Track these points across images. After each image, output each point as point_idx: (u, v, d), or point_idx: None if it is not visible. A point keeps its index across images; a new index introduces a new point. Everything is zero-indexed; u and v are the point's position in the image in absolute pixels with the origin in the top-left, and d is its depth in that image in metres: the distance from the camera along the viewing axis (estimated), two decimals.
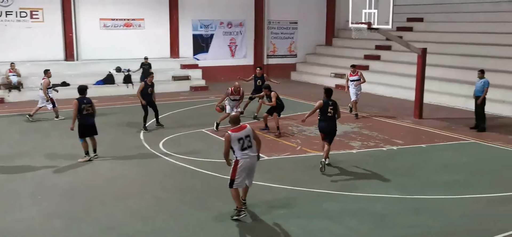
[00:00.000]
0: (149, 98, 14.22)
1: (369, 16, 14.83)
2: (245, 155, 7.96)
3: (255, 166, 8.22)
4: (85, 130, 11.13)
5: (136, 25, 22.74)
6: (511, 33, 20.15)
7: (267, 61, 26.00)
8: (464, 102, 17.50)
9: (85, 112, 11.01)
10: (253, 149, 8.09)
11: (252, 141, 8.05)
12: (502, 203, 8.86)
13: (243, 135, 7.94)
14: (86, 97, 11.18)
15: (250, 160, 8.03)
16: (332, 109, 10.57)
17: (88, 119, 11.08)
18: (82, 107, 10.96)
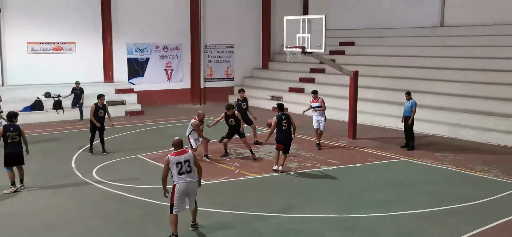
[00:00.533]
0: (99, 121, 13.96)
1: (303, 41, 15.22)
2: (181, 179, 7.93)
3: (194, 191, 8.14)
4: (11, 159, 10.52)
5: (67, 49, 21.98)
6: (434, 57, 21.41)
7: (204, 85, 25.94)
8: (395, 122, 18.27)
9: (10, 141, 10.41)
10: (192, 174, 8.04)
11: (192, 166, 8.03)
12: (432, 218, 9.25)
13: (182, 160, 7.93)
14: (15, 124, 10.59)
15: (187, 185, 7.98)
16: (286, 122, 11.81)
17: (14, 147, 10.48)
18: (7, 135, 10.37)
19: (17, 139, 10.50)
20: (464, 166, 13.09)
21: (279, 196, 10.50)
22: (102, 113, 14.08)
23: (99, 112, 14.03)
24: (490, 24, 21.24)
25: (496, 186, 11.30)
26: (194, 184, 8.10)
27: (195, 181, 8.12)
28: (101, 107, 14.08)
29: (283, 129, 11.87)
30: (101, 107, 14.09)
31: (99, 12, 22.44)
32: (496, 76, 18.66)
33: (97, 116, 13.99)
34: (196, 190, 8.23)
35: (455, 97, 18.52)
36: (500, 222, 9.01)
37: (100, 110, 14.05)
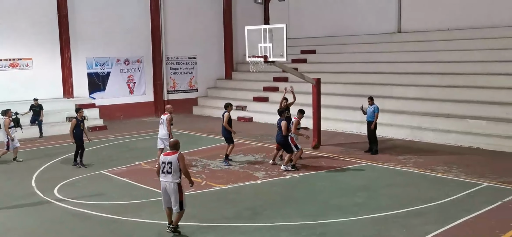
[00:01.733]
0: (81, 134, 14.09)
1: (265, 50, 15.31)
2: (162, 178, 8.73)
3: (169, 191, 8.68)
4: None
5: (23, 65, 21.33)
6: (393, 62, 21.96)
7: (167, 97, 25.69)
8: (358, 128, 18.60)
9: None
10: (169, 176, 8.59)
11: (172, 168, 8.56)
12: (397, 220, 9.43)
13: (166, 160, 8.62)
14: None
15: (163, 185, 8.72)
16: (278, 125, 13.45)
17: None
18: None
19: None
20: (426, 167, 13.44)
21: (246, 206, 10.47)
22: (83, 126, 14.20)
23: (81, 125, 14.10)
24: (444, 29, 21.99)
25: (456, 185, 11.65)
26: (168, 185, 8.65)
27: (169, 182, 8.62)
28: (80, 120, 14.14)
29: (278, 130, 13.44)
30: (80, 120, 14.13)
31: (56, 26, 21.90)
32: (451, 79, 19.30)
33: (78, 129, 14.01)
34: (170, 189, 8.67)
35: (415, 100, 19.04)
36: (463, 220, 9.28)
37: (80, 123, 14.11)
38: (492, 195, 10.76)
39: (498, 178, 12.18)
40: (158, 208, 10.39)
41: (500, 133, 15.84)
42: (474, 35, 20.77)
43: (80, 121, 14.10)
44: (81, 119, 14.17)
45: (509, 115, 16.42)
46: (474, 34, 20.81)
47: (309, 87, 18.02)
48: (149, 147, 17.03)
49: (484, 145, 15.83)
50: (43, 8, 21.60)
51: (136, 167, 14.23)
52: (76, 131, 14.00)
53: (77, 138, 14.02)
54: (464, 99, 17.99)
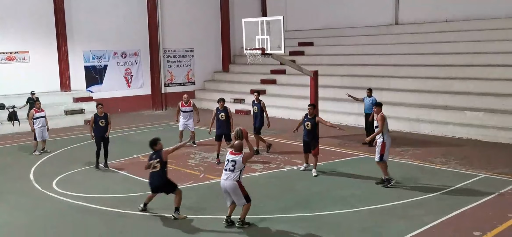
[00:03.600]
0: (100, 132, 13.02)
1: (262, 42, 15.31)
2: (223, 175, 8.76)
3: (228, 190, 8.69)
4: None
5: (20, 58, 21.27)
6: (390, 54, 21.97)
7: (165, 90, 25.65)
8: (355, 120, 18.63)
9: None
10: (231, 175, 8.64)
11: (235, 166, 8.62)
12: (396, 212, 9.48)
13: (229, 158, 8.71)
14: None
15: (222, 182, 8.75)
16: (309, 123, 12.06)
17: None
18: None
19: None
20: (424, 159, 13.49)
21: None
22: (103, 123, 13.04)
23: (100, 122, 13.01)
24: (442, 21, 21.99)
25: (454, 177, 11.71)
26: (227, 183, 8.70)
27: (228, 181, 8.66)
28: (101, 117, 13.06)
29: (307, 129, 12.21)
30: (101, 116, 13.07)
31: (52, 19, 21.82)
32: (448, 71, 19.33)
33: (98, 126, 12.99)
34: (230, 188, 8.70)
35: (412, 92, 19.07)
36: (460, 211, 9.34)
37: (100, 120, 13.03)
38: (489, 186, 10.83)
39: (495, 169, 12.25)
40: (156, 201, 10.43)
41: (497, 124, 15.91)
42: (471, 26, 20.79)
43: (100, 117, 13.01)
44: (102, 115, 13.05)
45: (505, 106, 16.49)
46: (471, 25, 20.83)
47: (307, 80, 18.04)
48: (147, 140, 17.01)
49: (481, 136, 15.89)
50: (40, 1, 21.50)
51: (134, 160, 14.24)
52: (96, 129, 12.99)
53: (98, 135, 13.03)
54: (461, 91, 18.03)
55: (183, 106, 15.80)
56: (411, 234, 8.31)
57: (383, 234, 8.36)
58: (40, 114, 15.25)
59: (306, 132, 12.26)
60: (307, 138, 12.23)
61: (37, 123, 15.11)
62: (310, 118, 12.16)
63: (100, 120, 13.04)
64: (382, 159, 11.12)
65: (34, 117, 15.10)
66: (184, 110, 15.76)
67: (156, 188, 9.42)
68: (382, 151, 11.07)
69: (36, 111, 15.22)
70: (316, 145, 12.18)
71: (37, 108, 15.34)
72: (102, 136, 13.06)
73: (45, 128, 15.40)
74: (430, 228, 8.55)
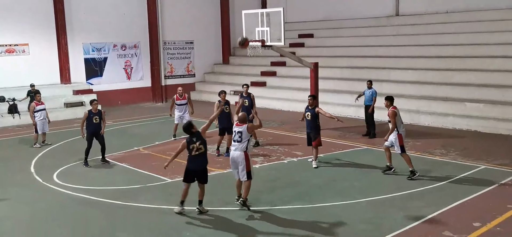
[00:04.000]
0: (94, 129, 12.67)
1: (262, 34, 15.27)
2: (232, 147, 9.20)
3: (236, 160, 9.08)
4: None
5: (20, 51, 21.24)
6: (390, 46, 21.93)
7: (165, 82, 25.63)
8: (356, 111, 18.63)
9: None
10: (238, 146, 9.00)
11: (242, 137, 8.98)
12: (395, 203, 9.50)
13: (236, 129, 9.09)
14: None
15: (231, 154, 9.16)
16: (309, 113, 12.12)
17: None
18: None
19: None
20: (424, 150, 13.50)
21: None
22: (97, 119, 12.70)
23: (94, 119, 12.64)
24: (443, 12, 21.93)
25: (454, 168, 11.73)
26: (235, 154, 9.10)
27: (236, 152, 9.06)
28: (95, 114, 12.69)
29: (307, 119, 12.24)
30: (95, 113, 12.71)
31: (52, 11, 21.78)
32: (448, 63, 19.30)
33: (92, 123, 12.64)
34: (237, 159, 9.06)
35: (412, 84, 19.05)
36: (460, 202, 9.37)
37: (94, 116, 12.67)
38: (489, 177, 10.85)
39: (495, 160, 12.26)
40: (157, 193, 10.47)
41: (497, 115, 15.91)
42: (472, 18, 20.75)
43: (93, 114, 12.67)
44: (96, 112, 12.72)
45: (505, 97, 16.48)
46: (472, 17, 20.79)
47: (307, 71, 18.02)
48: (147, 132, 17.08)
49: (481, 127, 15.90)
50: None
51: (134, 152, 14.26)
52: (88, 125, 12.68)
53: (90, 132, 12.69)
54: (462, 82, 18.02)
55: (178, 99, 15.75)
56: (411, 225, 8.34)
57: (383, 225, 8.39)
58: (41, 107, 15.27)
59: (307, 123, 12.28)
60: (308, 129, 12.24)
61: (38, 116, 15.12)
62: (310, 109, 12.17)
63: (94, 116, 12.70)
64: (403, 150, 11.02)
65: (35, 110, 15.11)
66: (179, 103, 15.74)
67: (201, 172, 9.00)
68: (400, 142, 10.95)
69: (37, 104, 15.24)
70: (317, 136, 12.16)
71: (37, 101, 15.35)
72: (95, 133, 12.71)
73: (46, 120, 15.41)
74: (430, 219, 8.57)
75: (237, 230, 8.41)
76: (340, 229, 8.32)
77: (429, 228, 8.26)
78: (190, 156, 8.95)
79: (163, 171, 11.82)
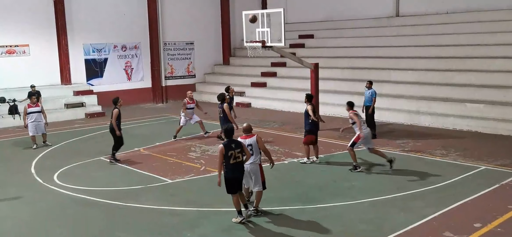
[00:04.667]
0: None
1: (262, 35, 15.27)
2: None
3: (252, 172, 8.97)
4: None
5: (20, 52, 21.24)
6: (391, 46, 21.93)
7: (165, 83, 25.64)
8: None
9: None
10: (251, 157, 8.84)
11: (253, 150, 8.88)
12: (396, 204, 9.50)
13: (246, 143, 8.82)
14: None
15: (246, 167, 8.85)
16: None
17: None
18: None
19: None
20: (424, 151, 13.50)
21: None
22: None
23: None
24: (443, 12, 21.93)
25: (454, 169, 11.72)
26: (250, 166, 8.91)
27: (250, 163, 8.87)
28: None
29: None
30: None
31: (52, 12, 21.78)
32: (449, 63, 19.30)
33: (120, 121, 13.19)
34: (252, 171, 8.95)
35: (413, 84, 19.05)
36: (460, 203, 9.36)
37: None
38: (489, 178, 10.84)
39: (496, 161, 12.26)
40: (158, 194, 10.47)
41: (497, 116, 15.90)
42: (472, 18, 20.73)
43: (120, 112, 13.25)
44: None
45: (506, 98, 16.48)
46: (472, 17, 20.77)
47: (307, 72, 18.03)
48: (148, 133, 17.08)
49: (482, 128, 15.90)
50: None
51: (135, 153, 14.26)
52: (119, 122, 13.09)
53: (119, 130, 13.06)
54: (462, 83, 18.01)
55: (189, 103, 16.05)
56: (412, 226, 8.33)
57: (384, 226, 8.39)
58: (34, 109, 15.23)
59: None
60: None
61: (30, 118, 15.10)
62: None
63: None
64: (353, 145, 11.81)
65: (27, 112, 15.12)
66: (189, 107, 16.07)
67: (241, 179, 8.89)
68: (356, 140, 11.78)
69: (30, 106, 15.23)
70: (306, 134, 12.54)
71: (31, 103, 15.35)
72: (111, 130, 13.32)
73: (41, 123, 15.31)
74: (430, 220, 8.57)
75: (237, 231, 8.41)
76: (341, 230, 8.32)
77: (430, 228, 8.26)
78: (228, 164, 8.47)
79: (164, 172, 11.91)
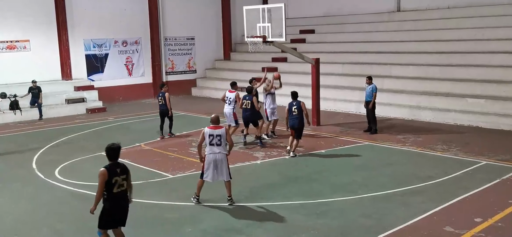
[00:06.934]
0: (160, 108, 15.19)
1: (263, 30, 15.24)
2: (209, 150, 9.10)
3: (222, 162, 9.15)
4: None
5: (21, 47, 21.24)
6: (392, 41, 21.89)
7: (166, 78, 25.62)
8: (357, 107, 18.62)
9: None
10: (220, 147, 9.10)
11: (222, 140, 9.10)
12: (396, 198, 9.51)
13: (214, 133, 9.07)
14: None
15: (213, 157, 9.10)
16: (296, 108, 12.61)
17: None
18: None
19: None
20: (425, 146, 13.50)
21: (246, 185, 10.53)
22: (162, 100, 15.12)
23: (159, 100, 15.23)
24: (444, 7, 21.87)
25: (455, 164, 11.72)
26: (220, 155, 9.13)
27: (221, 153, 9.11)
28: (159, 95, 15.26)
29: (294, 114, 12.66)
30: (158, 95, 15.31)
31: (52, 7, 21.76)
32: (450, 58, 19.26)
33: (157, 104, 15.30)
34: (223, 161, 9.17)
35: (414, 79, 19.02)
36: (461, 198, 9.37)
37: (159, 97, 15.23)
38: (490, 173, 10.85)
39: (496, 156, 12.26)
40: (159, 189, 10.49)
41: (498, 111, 15.89)
42: (474, 13, 20.68)
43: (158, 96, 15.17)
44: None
45: (507, 93, 16.44)
46: (474, 12, 20.72)
47: (308, 67, 18.00)
48: (149, 128, 17.08)
49: (483, 123, 15.89)
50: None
51: (136, 148, 14.28)
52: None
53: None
54: (463, 78, 17.98)
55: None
56: (412, 221, 8.34)
57: (385, 221, 8.39)
58: None
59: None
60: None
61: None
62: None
63: (159, 97, 15.17)
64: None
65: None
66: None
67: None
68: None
69: None
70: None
71: None
72: (162, 111, 15.19)
73: None
74: (431, 215, 8.58)
75: (238, 226, 8.42)
76: (342, 225, 8.33)
77: (431, 223, 8.27)
78: (110, 193, 7.34)
79: (165, 167, 11.92)
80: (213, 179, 9.24)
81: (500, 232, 7.90)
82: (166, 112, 15.08)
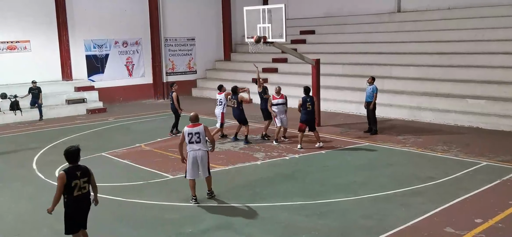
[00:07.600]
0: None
1: (264, 31, 15.25)
2: (190, 148, 9.26)
3: (202, 158, 9.30)
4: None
5: (21, 48, 21.24)
6: (392, 42, 21.89)
7: (166, 79, 25.62)
8: (357, 108, 18.62)
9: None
10: (200, 145, 9.26)
11: (201, 138, 9.27)
12: (396, 199, 9.51)
13: (193, 131, 9.24)
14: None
15: (194, 154, 9.26)
16: (310, 104, 13.39)
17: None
18: None
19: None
20: (425, 147, 13.49)
21: (246, 186, 10.54)
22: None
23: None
24: (445, 8, 21.88)
25: (455, 165, 11.71)
26: (201, 152, 9.28)
27: (201, 150, 9.27)
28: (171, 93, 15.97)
29: (308, 109, 13.39)
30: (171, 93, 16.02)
31: (53, 8, 21.77)
32: (450, 59, 19.26)
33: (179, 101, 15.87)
34: (204, 157, 9.33)
35: (414, 80, 19.02)
36: (461, 199, 9.37)
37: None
38: (490, 174, 10.84)
39: (497, 157, 12.25)
40: (159, 189, 10.49)
41: (499, 112, 15.88)
42: (474, 14, 20.68)
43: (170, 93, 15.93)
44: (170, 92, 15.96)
45: (507, 94, 16.45)
46: (474, 13, 20.72)
47: (309, 68, 18.00)
48: (149, 129, 17.09)
49: (483, 124, 15.88)
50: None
51: (136, 149, 14.28)
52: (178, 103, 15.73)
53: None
54: (463, 79, 17.98)
55: (275, 98, 14.37)
56: (413, 222, 8.34)
57: (386, 221, 8.39)
58: None
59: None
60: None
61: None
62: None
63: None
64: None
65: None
66: (276, 103, 14.39)
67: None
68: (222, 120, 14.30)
69: None
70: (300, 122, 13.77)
71: None
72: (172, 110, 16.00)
73: None
74: (432, 216, 8.58)
75: (238, 226, 8.42)
76: (342, 225, 8.33)
77: (431, 224, 8.26)
78: (70, 197, 7.47)
79: (165, 168, 11.92)
80: (193, 176, 9.40)
81: (500, 233, 7.89)
82: (174, 110, 15.77)
